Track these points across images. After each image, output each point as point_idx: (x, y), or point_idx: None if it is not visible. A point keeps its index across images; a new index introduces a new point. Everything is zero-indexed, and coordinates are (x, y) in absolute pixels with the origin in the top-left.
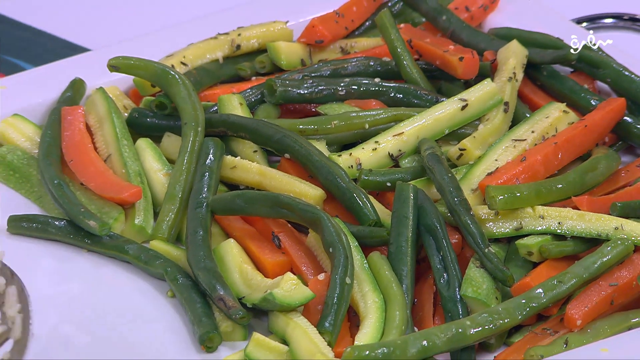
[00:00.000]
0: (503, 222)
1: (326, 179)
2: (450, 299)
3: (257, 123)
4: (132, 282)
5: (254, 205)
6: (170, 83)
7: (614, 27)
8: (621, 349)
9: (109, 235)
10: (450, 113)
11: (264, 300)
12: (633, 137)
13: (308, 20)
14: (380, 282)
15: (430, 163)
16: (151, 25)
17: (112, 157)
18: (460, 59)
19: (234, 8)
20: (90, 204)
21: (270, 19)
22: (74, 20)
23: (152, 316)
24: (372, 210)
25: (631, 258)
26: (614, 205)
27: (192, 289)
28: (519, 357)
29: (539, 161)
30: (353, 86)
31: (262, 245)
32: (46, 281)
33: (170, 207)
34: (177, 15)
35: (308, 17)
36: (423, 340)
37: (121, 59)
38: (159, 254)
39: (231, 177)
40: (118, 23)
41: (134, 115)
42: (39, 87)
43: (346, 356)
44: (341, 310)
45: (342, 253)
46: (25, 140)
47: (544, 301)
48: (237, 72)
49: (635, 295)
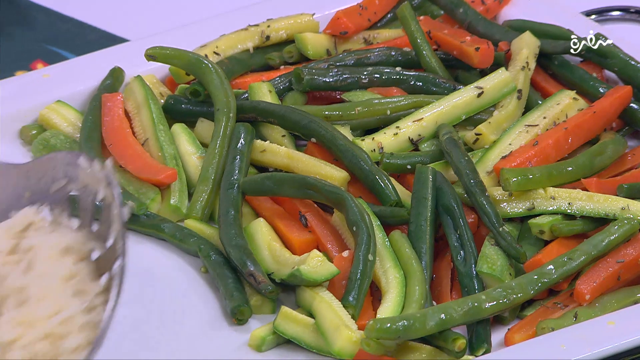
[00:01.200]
0: (516, 203)
1: (350, 162)
2: (466, 275)
3: (286, 109)
4: (167, 258)
5: (283, 186)
6: (203, 72)
7: (621, 20)
8: (627, 322)
9: (146, 215)
10: (467, 100)
11: (291, 275)
12: (639, 123)
13: (333, 12)
14: (401, 259)
15: (448, 147)
16: (186, 17)
17: (149, 141)
18: (476, 49)
19: (264, 1)
20: (129, 185)
21: (298, 11)
22: (113, 13)
23: (186, 290)
24: (393, 192)
25: (637, 237)
26: (621, 186)
27: (224, 265)
28: (531, 329)
29: (551, 145)
30: (375, 75)
31: (290, 224)
32: None
33: (203, 188)
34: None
35: (333, 10)
36: (441, 313)
37: (158, 49)
38: (193, 232)
39: (261, 160)
40: (155, 15)
41: (170, 102)
42: (81, 76)
43: (369, 328)
44: (364, 285)
45: (365, 232)
46: (67, 125)
47: (554, 277)
48: (266, 62)
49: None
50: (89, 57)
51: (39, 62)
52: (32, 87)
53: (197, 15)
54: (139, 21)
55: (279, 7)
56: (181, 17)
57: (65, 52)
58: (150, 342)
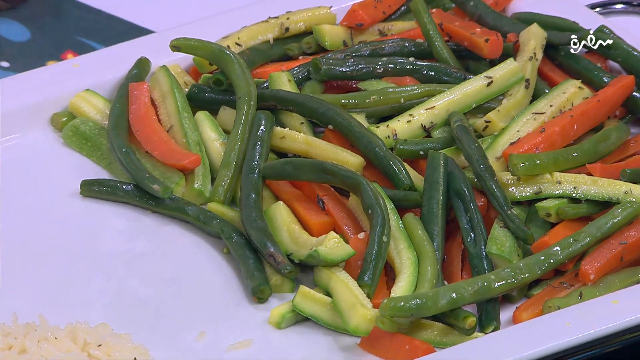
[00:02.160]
0: (524, 187)
1: (365, 148)
2: (476, 256)
3: (304, 97)
4: (191, 240)
5: (301, 171)
6: (226, 62)
7: (624, 12)
8: (630, 300)
9: (171, 198)
10: (477, 89)
11: (309, 256)
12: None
13: (349, 5)
14: (414, 241)
15: (458, 134)
16: (209, 9)
17: (173, 128)
18: (486, 41)
19: None
20: (154, 170)
21: (316, 4)
22: (140, 5)
23: (209, 270)
24: (406, 176)
25: (639, 219)
26: (624, 171)
27: (245, 246)
28: (538, 308)
29: (557, 132)
30: (390, 65)
31: (308, 207)
32: (115, 239)
33: (226, 173)
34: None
35: (349, 3)
36: (452, 292)
37: (182, 40)
38: (216, 214)
39: (280, 146)
40: (180, 8)
41: (194, 91)
42: (109, 65)
43: (383, 307)
44: (379, 266)
45: (380, 214)
46: (96, 112)
47: (560, 258)
48: (285, 52)
49: None
50: (117, 48)
51: (69, 52)
52: (63, 76)
53: (219, 7)
54: (165, 13)
55: (298, 0)
56: (205, 10)
57: (94, 43)
58: (175, 320)
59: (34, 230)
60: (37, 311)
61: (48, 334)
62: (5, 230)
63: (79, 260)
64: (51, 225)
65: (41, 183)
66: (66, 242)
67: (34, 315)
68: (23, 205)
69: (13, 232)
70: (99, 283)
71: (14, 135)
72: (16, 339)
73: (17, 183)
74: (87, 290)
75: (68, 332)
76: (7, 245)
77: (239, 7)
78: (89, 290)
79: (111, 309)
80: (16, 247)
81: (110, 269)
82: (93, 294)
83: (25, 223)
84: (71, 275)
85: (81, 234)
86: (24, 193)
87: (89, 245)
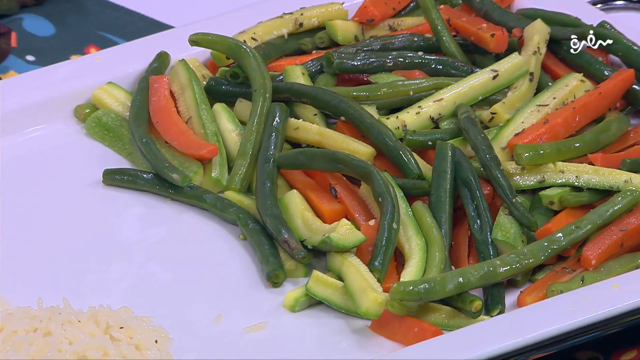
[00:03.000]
0: (528, 176)
1: (376, 139)
2: (482, 242)
3: (317, 90)
4: (209, 226)
5: (314, 160)
6: (242, 56)
7: (624, 8)
8: (630, 285)
9: (189, 186)
10: (483, 82)
11: (322, 242)
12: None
13: (361, 1)
14: (423, 227)
15: (465, 125)
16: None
17: (192, 119)
18: (492, 36)
19: None
20: (174, 160)
21: (329, 0)
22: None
23: (226, 256)
24: (415, 165)
25: (639, 207)
26: (624, 161)
27: (261, 232)
28: (541, 292)
29: (560, 123)
30: (399, 59)
31: (321, 195)
32: (135, 226)
33: (242, 162)
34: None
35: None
36: (459, 277)
37: (200, 35)
38: (233, 202)
39: (294, 137)
40: (198, 4)
41: (211, 84)
42: (130, 59)
43: (393, 291)
44: (389, 252)
45: (390, 202)
46: (118, 104)
47: (563, 244)
48: (299, 47)
49: None
50: (138, 43)
51: (92, 46)
52: (86, 69)
53: (236, 3)
54: (183, 9)
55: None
56: (222, 6)
57: (116, 37)
58: (194, 303)
59: (57, 218)
60: (61, 295)
61: (72, 317)
62: (30, 217)
63: (101, 246)
64: (74, 213)
65: (65, 172)
66: (89, 229)
67: (58, 299)
68: (47, 194)
69: (38, 219)
70: (120, 268)
71: (39, 126)
72: (41, 322)
73: (41, 172)
74: (109, 275)
75: (91, 315)
76: (32, 232)
77: (255, 3)
78: (110, 275)
79: (132, 293)
80: (41, 233)
81: (131, 255)
82: (115, 279)
83: (50, 210)
84: (94, 261)
85: (103, 221)
86: (48, 182)
87: (111, 232)
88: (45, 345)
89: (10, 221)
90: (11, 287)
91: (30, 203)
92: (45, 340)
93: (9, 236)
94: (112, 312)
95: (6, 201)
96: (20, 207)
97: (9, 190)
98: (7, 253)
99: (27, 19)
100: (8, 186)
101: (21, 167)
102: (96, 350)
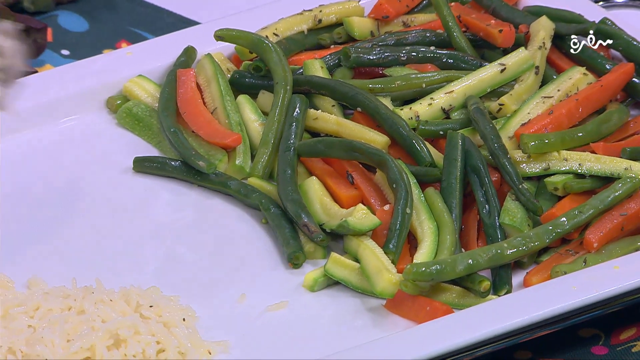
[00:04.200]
0: (534, 164)
1: (390, 128)
2: (491, 226)
3: (335, 83)
4: (233, 211)
5: (332, 149)
6: (264, 50)
7: (624, 6)
8: (630, 266)
9: (214, 173)
10: (492, 75)
11: (340, 226)
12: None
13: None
14: (434, 212)
15: (475, 115)
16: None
17: (217, 110)
18: (499, 31)
19: None
20: (200, 148)
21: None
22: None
23: (249, 239)
24: (427, 154)
25: (638, 193)
26: (624, 150)
27: (282, 217)
28: (546, 273)
29: (564, 114)
30: (413, 53)
31: (339, 182)
32: (164, 210)
33: (264, 151)
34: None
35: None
36: (469, 259)
37: (225, 30)
38: (255, 188)
39: (314, 127)
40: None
41: (235, 76)
42: (159, 53)
43: (406, 272)
44: (402, 235)
45: (404, 188)
46: (147, 96)
47: (567, 228)
48: (318, 42)
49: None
50: (166, 38)
51: (123, 41)
52: (117, 63)
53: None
54: (209, 6)
55: None
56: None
57: (146, 33)
58: (219, 283)
59: (90, 203)
60: (94, 276)
61: (104, 297)
62: (65, 201)
63: (132, 229)
64: (106, 198)
65: (97, 160)
66: (120, 213)
67: (91, 279)
68: (81, 179)
69: (71, 204)
70: (149, 250)
71: (73, 116)
72: (75, 301)
73: (75, 160)
74: (139, 256)
75: (122, 294)
76: (66, 216)
77: (277, 0)
78: (140, 256)
79: (161, 273)
80: (74, 218)
81: (159, 238)
82: (144, 260)
83: (83, 196)
84: (124, 243)
85: (133, 206)
86: (82, 169)
87: (141, 216)
88: (79, 323)
89: (46, 205)
90: (47, 268)
91: (65, 188)
92: (79, 319)
93: (45, 219)
94: (142, 292)
95: (43, 186)
96: (55, 191)
97: (46, 175)
98: (42, 235)
99: (62, 15)
100: (45, 172)
101: (57, 154)
102: (127, 329)
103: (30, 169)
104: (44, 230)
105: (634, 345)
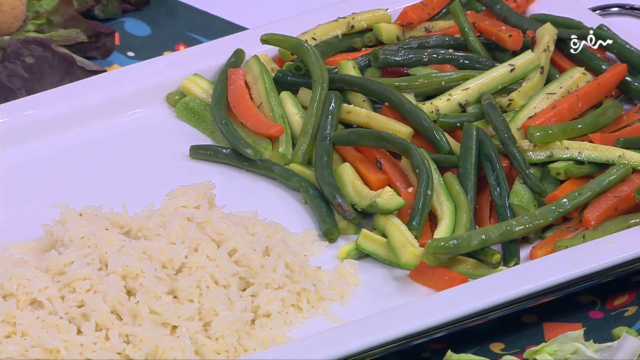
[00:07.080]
0: (539, 152)
1: (414, 120)
2: (501, 206)
3: (365, 81)
4: (277, 193)
5: (363, 138)
6: (304, 52)
7: (619, 14)
8: (622, 241)
9: (260, 160)
10: (502, 74)
11: (369, 206)
12: (632, 92)
13: (402, 8)
14: (452, 194)
15: (487, 109)
16: (291, 11)
17: (263, 104)
18: (509, 36)
19: (350, 0)
20: (247, 137)
21: (376, 7)
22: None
23: (291, 217)
24: (446, 143)
25: (630, 177)
26: (618, 140)
27: (319, 198)
28: (550, 247)
29: (565, 109)
30: (433, 55)
31: (369, 167)
32: (216, 192)
33: (304, 140)
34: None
35: (402, 6)
36: (482, 235)
37: (270, 35)
38: (296, 173)
39: (347, 119)
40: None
41: (279, 75)
42: (212, 55)
43: (427, 246)
44: (424, 214)
45: (425, 173)
46: (202, 92)
47: (568, 207)
48: (351, 45)
49: (632, 204)
50: (219, 41)
51: (181, 45)
52: (176, 63)
53: (299, 9)
54: (257, 14)
55: (361, 4)
56: (288, 11)
57: (201, 37)
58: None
59: (152, 186)
60: None
61: None
62: (129, 186)
63: None
64: (166, 182)
65: (158, 148)
66: None
67: None
68: (144, 166)
69: (135, 187)
70: None
71: (137, 110)
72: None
73: (139, 148)
74: None
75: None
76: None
77: (315, 9)
78: None
79: None
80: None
81: None
82: None
83: (146, 180)
84: None
85: None
86: (145, 156)
87: None
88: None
89: (112, 188)
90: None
91: (129, 174)
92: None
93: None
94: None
95: (110, 171)
96: (121, 176)
97: (113, 161)
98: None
99: (127, 21)
100: (112, 158)
101: (124, 142)
102: None
103: (101, 155)
104: (108, 207)
105: (626, 310)
